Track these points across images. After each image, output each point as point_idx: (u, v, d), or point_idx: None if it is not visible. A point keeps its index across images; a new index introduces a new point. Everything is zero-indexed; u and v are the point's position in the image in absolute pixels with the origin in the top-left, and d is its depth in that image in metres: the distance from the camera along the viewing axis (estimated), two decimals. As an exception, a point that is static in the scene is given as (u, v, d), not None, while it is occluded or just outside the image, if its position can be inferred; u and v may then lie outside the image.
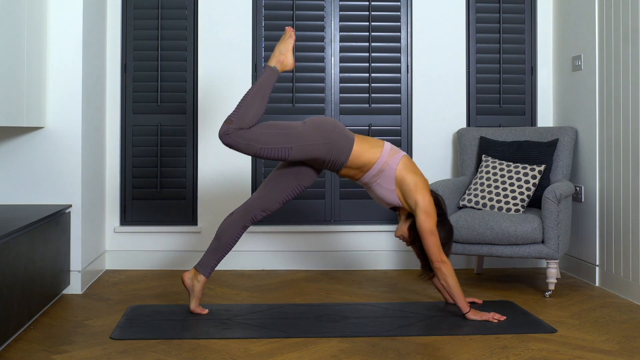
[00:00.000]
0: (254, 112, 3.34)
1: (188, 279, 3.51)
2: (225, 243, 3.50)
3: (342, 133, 3.42)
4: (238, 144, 3.33)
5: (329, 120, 3.45)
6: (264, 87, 3.39)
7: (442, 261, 3.35)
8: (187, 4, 4.77)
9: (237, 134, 3.31)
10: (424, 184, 3.43)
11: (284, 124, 3.41)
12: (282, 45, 3.49)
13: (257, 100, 3.36)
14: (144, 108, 4.76)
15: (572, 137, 4.41)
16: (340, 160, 3.40)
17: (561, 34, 4.76)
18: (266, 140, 3.33)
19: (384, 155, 3.41)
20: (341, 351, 2.93)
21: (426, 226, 3.36)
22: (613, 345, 3.03)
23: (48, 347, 2.98)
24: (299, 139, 3.36)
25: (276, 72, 3.45)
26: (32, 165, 3.93)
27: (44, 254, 3.42)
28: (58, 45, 3.95)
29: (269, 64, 3.46)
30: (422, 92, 4.83)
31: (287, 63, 3.49)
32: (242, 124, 3.32)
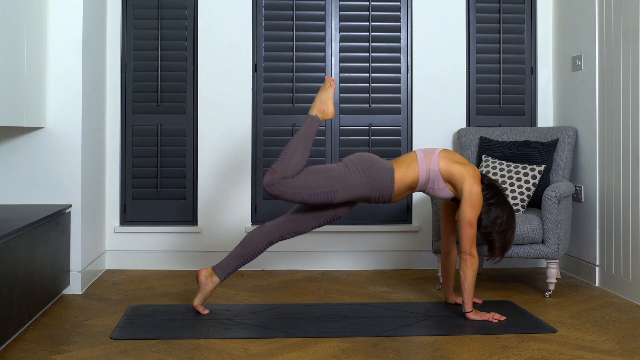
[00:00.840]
0: (297, 161, 3.36)
1: (203, 276, 3.51)
2: (248, 252, 3.50)
3: (381, 166, 3.42)
4: (284, 193, 3.35)
5: (364, 157, 3.45)
6: (305, 136, 3.41)
7: (470, 254, 3.36)
8: (187, 4, 4.77)
9: (282, 183, 3.33)
10: (470, 172, 3.43)
11: (324, 168, 3.43)
12: (322, 94, 3.50)
13: (300, 149, 3.37)
14: (144, 108, 4.76)
15: (572, 137, 4.41)
16: (387, 193, 3.42)
17: (561, 34, 4.76)
18: (311, 185, 3.35)
19: (422, 166, 3.44)
20: (341, 351, 2.93)
21: (466, 216, 3.37)
22: (613, 345, 3.03)
23: (48, 347, 2.98)
24: (342, 181, 3.38)
25: (317, 121, 3.46)
26: (32, 165, 3.93)
27: (44, 254, 3.42)
28: (58, 45, 3.95)
29: (310, 113, 3.47)
30: (422, 92, 4.84)
31: (329, 112, 3.50)
32: (286, 173, 3.33)
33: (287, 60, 4.79)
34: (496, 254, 3.49)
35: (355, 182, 3.39)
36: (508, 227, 3.45)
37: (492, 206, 3.43)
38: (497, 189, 3.47)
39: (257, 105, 4.78)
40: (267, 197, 3.50)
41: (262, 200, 4.77)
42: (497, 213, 3.43)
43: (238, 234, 4.70)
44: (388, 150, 4.81)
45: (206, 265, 4.68)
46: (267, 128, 4.78)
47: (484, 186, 3.46)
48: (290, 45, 4.79)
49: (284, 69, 4.79)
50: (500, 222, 3.42)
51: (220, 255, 4.69)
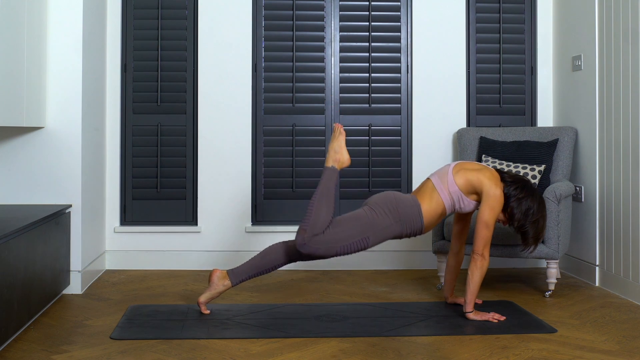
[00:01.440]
0: (324, 217, 3.35)
1: (216, 277, 3.50)
2: (265, 265, 3.48)
3: (407, 204, 3.41)
4: (317, 250, 3.34)
5: (388, 197, 3.44)
6: (327, 190, 3.40)
7: (482, 255, 3.37)
8: (187, 4, 4.77)
9: (314, 241, 3.33)
10: (487, 175, 3.43)
11: (352, 216, 3.41)
12: (335, 144, 3.48)
13: (324, 204, 3.37)
14: (144, 108, 4.76)
15: (572, 137, 4.41)
16: (418, 227, 3.42)
17: (561, 34, 4.76)
18: (342, 237, 3.34)
19: (443, 193, 3.43)
20: (341, 351, 2.93)
21: (483, 217, 3.37)
22: (613, 345, 3.03)
23: (48, 347, 2.98)
24: (372, 227, 3.37)
25: (336, 172, 3.45)
26: (32, 165, 3.93)
27: (44, 254, 3.42)
28: (58, 45, 3.95)
29: (326, 165, 3.46)
30: (422, 92, 4.83)
31: (344, 160, 3.48)
32: (316, 230, 3.33)
33: (287, 60, 4.79)
34: (530, 244, 3.50)
35: (386, 225, 3.38)
36: (540, 217, 3.46)
37: (522, 200, 3.43)
38: (523, 181, 3.48)
39: (257, 105, 4.78)
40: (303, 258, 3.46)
41: (262, 200, 4.77)
42: (527, 204, 3.43)
43: (238, 234, 4.70)
44: (388, 150, 4.81)
45: (206, 265, 4.68)
46: (267, 128, 4.78)
47: (508, 184, 3.46)
48: (290, 45, 4.79)
49: (284, 69, 4.79)
50: (532, 212, 3.44)
51: (220, 255, 4.70)
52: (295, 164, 4.77)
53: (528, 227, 3.45)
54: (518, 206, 3.43)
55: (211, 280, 3.51)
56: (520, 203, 3.43)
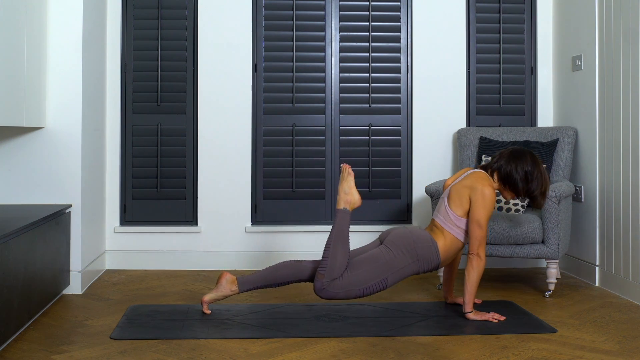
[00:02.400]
0: (340, 260, 3.34)
1: (225, 280, 3.48)
2: (275, 280, 3.47)
3: (424, 243, 3.40)
4: (337, 294, 3.34)
5: (405, 235, 3.42)
6: (341, 232, 3.38)
7: (477, 255, 3.36)
8: (187, 4, 4.77)
9: (332, 285, 3.33)
10: (472, 178, 3.44)
11: (369, 258, 3.38)
12: (344, 185, 3.45)
13: (339, 247, 3.35)
14: (144, 108, 4.76)
15: (572, 137, 4.41)
16: (435, 264, 3.43)
17: (561, 34, 4.76)
18: (361, 280, 3.34)
19: (452, 229, 3.44)
20: (341, 351, 2.93)
21: (475, 216, 3.38)
22: (613, 345, 3.03)
23: (48, 347, 2.98)
24: (390, 267, 3.36)
25: (348, 213, 3.42)
26: (32, 165, 3.93)
27: (44, 254, 3.42)
28: (58, 45, 3.95)
29: (338, 207, 3.43)
30: (422, 92, 4.83)
31: (355, 200, 3.45)
32: (333, 275, 3.32)
33: (287, 60, 4.79)
34: (539, 200, 3.50)
35: (404, 265, 3.37)
36: (538, 173, 3.46)
37: (515, 171, 3.45)
38: (507, 153, 3.50)
39: (257, 105, 4.78)
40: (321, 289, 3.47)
41: (262, 200, 4.77)
42: (524, 169, 3.45)
43: (238, 234, 4.70)
44: (388, 151, 4.81)
45: (206, 265, 4.68)
46: (267, 128, 4.78)
47: (495, 168, 3.48)
48: (290, 45, 4.79)
49: (284, 69, 4.79)
50: (531, 173, 3.45)
51: (220, 255, 4.70)
52: (295, 164, 4.77)
53: (534, 187, 3.46)
54: (516, 179, 3.46)
55: (219, 282, 3.49)
56: (516, 174, 3.45)
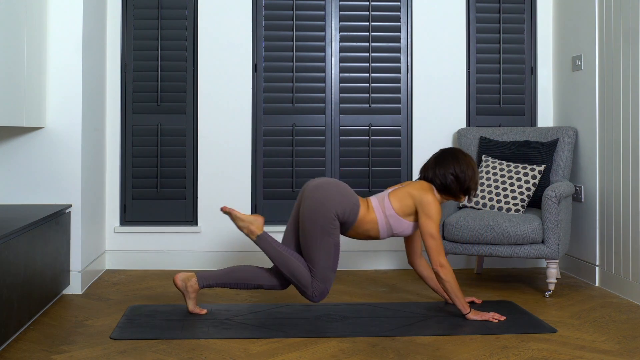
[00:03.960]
0: (300, 270, 3.37)
1: (180, 280, 3.47)
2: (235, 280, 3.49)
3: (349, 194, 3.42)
4: (325, 290, 3.39)
5: (311, 212, 3.38)
6: (278, 254, 3.40)
7: (441, 265, 3.36)
8: (187, 4, 4.77)
9: (315, 288, 3.38)
10: (416, 187, 3.46)
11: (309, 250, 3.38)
12: (239, 223, 3.45)
13: (290, 263, 3.37)
14: (144, 108, 4.76)
15: (572, 137, 4.41)
16: (351, 217, 3.40)
17: (561, 34, 4.76)
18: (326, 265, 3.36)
19: (379, 215, 3.44)
20: (341, 351, 2.93)
21: (426, 228, 3.38)
22: (613, 345, 3.03)
23: (48, 347, 2.98)
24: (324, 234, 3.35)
25: (265, 235, 3.43)
26: (32, 165, 3.93)
27: (44, 254, 3.42)
28: (58, 45, 3.95)
29: (254, 239, 3.43)
30: (422, 92, 4.83)
31: (257, 222, 3.46)
32: (306, 283, 3.37)
33: (287, 60, 4.79)
34: (473, 193, 3.53)
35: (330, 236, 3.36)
36: (465, 168, 3.46)
37: (447, 174, 3.46)
38: (432, 166, 3.50)
39: (257, 105, 4.78)
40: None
41: (262, 200, 4.77)
42: (450, 172, 3.45)
43: (238, 234, 4.69)
44: (388, 150, 4.81)
45: (206, 265, 4.68)
46: (267, 128, 4.78)
47: (431, 175, 3.49)
48: (290, 45, 4.79)
49: (284, 69, 4.79)
50: (457, 174, 3.46)
51: (220, 254, 4.70)
52: (295, 164, 4.77)
53: (468, 185, 3.48)
54: (450, 185, 3.46)
55: (178, 287, 3.47)
56: (447, 180, 3.46)
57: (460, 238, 4.01)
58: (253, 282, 3.48)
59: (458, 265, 4.77)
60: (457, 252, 4.06)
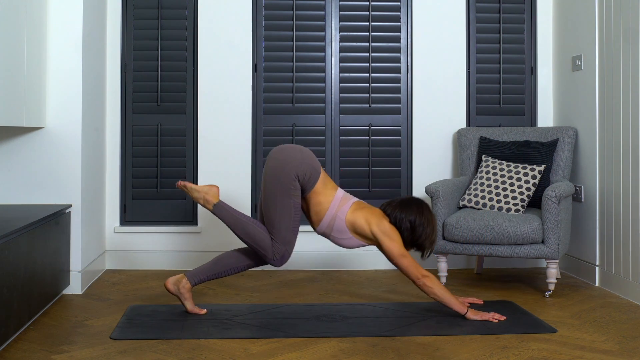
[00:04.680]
0: (260, 236, 3.39)
1: (171, 284, 3.48)
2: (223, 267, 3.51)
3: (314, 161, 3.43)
4: (286, 252, 3.41)
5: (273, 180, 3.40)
6: (237, 220, 3.42)
7: (423, 276, 3.36)
8: (187, 4, 4.77)
9: (277, 251, 3.39)
10: (374, 213, 3.45)
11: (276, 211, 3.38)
12: (194, 195, 3.46)
13: (250, 229, 3.40)
14: (144, 108, 4.76)
15: (572, 137, 4.41)
16: (312, 180, 3.40)
17: (561, 34, 4.76)
18: (285, 224, 3.38)
19: (332, 209, 3.43)
20: (341, 351, 2.93)
21: (394, 251, 3.38)
22: (613, 345, 3.03)
23: (48, 347, 2.98)
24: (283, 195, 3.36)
25: (221, 204, 3.45)
26: (32, 165, 3.93)
27: (44, 254, 3.42)
28: (58, 45, 3.95)
29: (211, 209, 3.45)
30: (422, 92, 4.83)
31: (212, 192, 3.47)
32: (266, 247, 3.39)
33: (287, 60, 4.79)
34: (427, 251, 3.52)
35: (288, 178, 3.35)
36: (424, 221, 3.44)
37: (410, 221, 3.44)
38: (398, 205, 3.48)
39: (257, 105, 4.78)
40: None
41: (262, 200, 4.77)
42: (409, 219, 3.44)
43: (238, 234, 4.69)
44: (388, 150, 4.81)
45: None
46: (267, 128, 4.78)
47: (389, 214, 3.46)
48: (290, 45, 4.79)
49: (284, 69, 4.79)
50: (414, 222, 3.43)
51: (220, 255, 4.70)
52: (295, 164, 4.76)
53: (424, 239, 3.46)
54: (404, 228, 3.44)
55: (171, 291, 3.49)
56: (405, 224, 3.44)
57: (460, 238, 4.01)
58: (241, 264, 3.51)
59: (458, 265, 4.77)
60: (457, 252, 4.06)
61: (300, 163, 3.37)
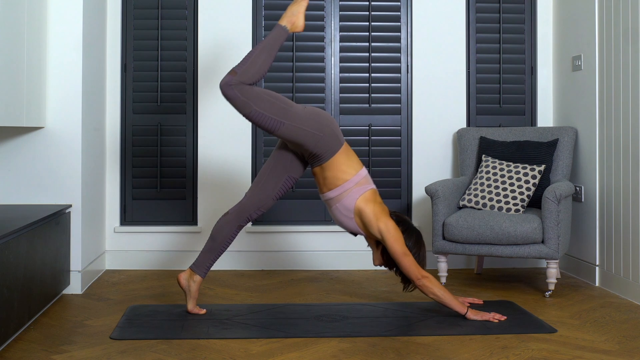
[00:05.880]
0: (258, 67, 3.32)
1: (184, 279, 3.51)
2: (220, 243, 3.51)
3: (335, 133, 3.41)
4: (236, 98, 3.30)
5: (328, 116, 3.45)
6: (271, 44, 3.38)
7: (423, 277, 3.35)
8: (187, 4, 4.77)
9: (239, 88, 3.29)
10: (383, 210, 3.43)
11: (286, 100, 3.40)
12: (294, 7, 3.46)
13: (263, 56, 3.34)
14: (144, 108, 4.76)
15: (572, 137, 4.41)
16: (322, 157, 3.39)
17: (561, 34, 4.76)
18: (264, 106, 3.31)
19: (352, 181, 3.41)
20: (341, 351, 2.93)
21: (397, 250, 3.36)
22: (613, 345, 3.03)
23: (48, 347, 2.98)
24: (294, 119, 3.34)
25: (286, 32, 3.42)
26: (32, 165, 3.93)
27: (44, 254, 3.42)
28: (58, 45, 3.95)
29: (279, 23, 3.44)
30: (422, 92, 4.83)
31: (298, 24, 3.47)
32: (245, 78, 3.30)
33: (287, 60, 4.79)
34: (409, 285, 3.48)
35: (306, 128, 3.34)
36: (417, 251, 3.42)
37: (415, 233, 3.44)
38: (403, 221, 3.46)
39: (257, 105, 4.78)
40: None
41: (262, 200, 4.77)
42: (419, 236, 3.45)
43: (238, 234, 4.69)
44: (388, 150, 4.81)
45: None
46: (267, 128, 4.77)
47: (396, 221, 3.44)
48: (290, 45, 4.79)
49: (284, 69, 4.79)
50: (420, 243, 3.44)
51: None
52: (295, 164, 4.76)
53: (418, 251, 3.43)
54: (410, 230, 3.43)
55: (182, 286, 3.51)
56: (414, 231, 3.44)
57: (460, 238, 4.01)
58: (231, 231, 3.50)
59: (458, 265, 4.77)
60: (457, 252, 4.06)
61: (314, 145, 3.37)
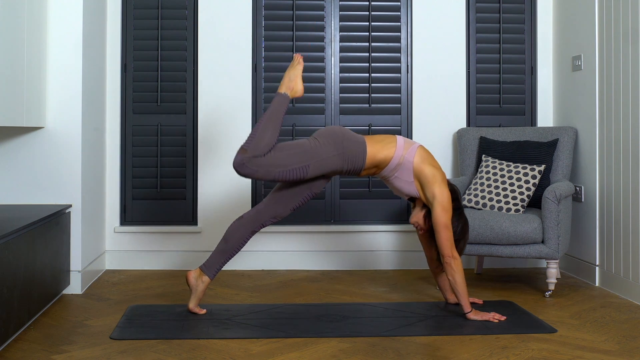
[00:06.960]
0: (267, 139, 3.34)
1: (193, 278, 3.51)
2: (232, 246, 3.50)
3: (352, 139, 3.42)
4: (255, 172, 3.33)
5: (335, 130, 3.46)
6: (275, 114, 3.40)
7: (453, 257, 3.36)
8: (187, 4, 4.77)
9: (253, 162, 3.32)
10: (442, 176, 3.45)
11: (295, 144, 3.41)
12: (291, 72, 3.49)
13: (270, 127, 3.36)
14: (144, 108, 4.76)
15: (572, 137, 4.41)
16: (358, 166, 3.43)
17: (561, 34, 4.76)
18: (283, 162, 3.34)
19: (399, 150, 3.43)
20: (341, 351, 2.93)
21: (442, 220, 3.37)
22: (613, 345, 3.03)
23: (48, 347, 2.98)
24: (313, 156, 3.37)
25: (287, 99, 3.45)
26: (32, 165, 3.93)
27: (44, 254, 3.42)
28: (58, 45, 3.95)
29: (279, 91, 3.47)
30: (422, 92, 4.84)
31: (297, 89, 3.49)
32: (257, 152, 3.32)
33: (287, 61, 4.78)
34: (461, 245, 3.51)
35: (327, 156, 3.37)
36: (461, 238, 3.47)
37: (465, 221, 3.49)
38: (457, 198, 3.49)
39: (257, 105, 4.78)
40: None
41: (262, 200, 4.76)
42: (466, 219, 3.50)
43: (238, 234, 4.69)
44: (388, 150, 4.81)
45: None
46: (267, 128, 4.77)
47: (451, 192, 3.48)
48: (290, 45, 4.79)
49: (284, 69, 4.78)
50: (466, 225, 3.49)
51: (220, 255, 4.70)
52: (295, 164, 4.76)
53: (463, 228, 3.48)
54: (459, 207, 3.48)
55: (190, 283, 3.52)
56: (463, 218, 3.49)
57: (460, 238, 4.01)
58: (244, 235, 3.49)
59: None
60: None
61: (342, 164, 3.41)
